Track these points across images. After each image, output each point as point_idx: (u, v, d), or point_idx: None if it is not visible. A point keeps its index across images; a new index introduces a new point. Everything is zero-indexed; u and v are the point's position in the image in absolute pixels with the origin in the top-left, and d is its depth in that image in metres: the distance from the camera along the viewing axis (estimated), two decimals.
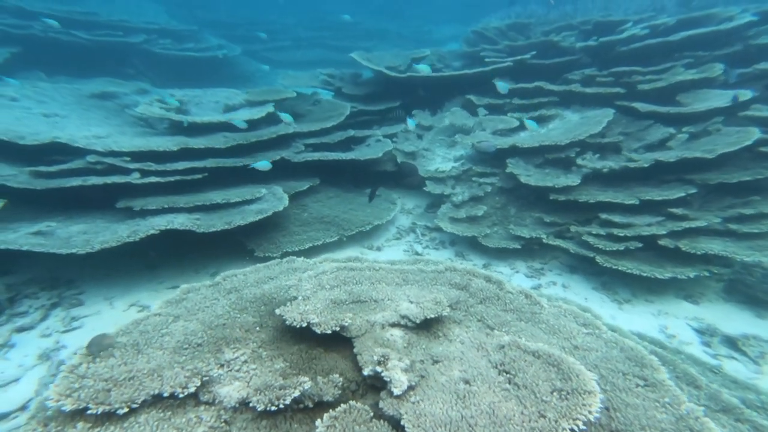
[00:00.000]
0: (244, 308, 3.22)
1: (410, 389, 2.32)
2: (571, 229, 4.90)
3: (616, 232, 4.35)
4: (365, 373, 2.50)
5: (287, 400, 2.25)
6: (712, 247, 3.98)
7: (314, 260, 4.24)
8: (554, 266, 5.12)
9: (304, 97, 8.40)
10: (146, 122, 7.17)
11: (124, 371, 2.28)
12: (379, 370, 2.42)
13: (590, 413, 1.78)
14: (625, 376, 2.17)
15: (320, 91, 9.42)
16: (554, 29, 8.79)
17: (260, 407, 2.21)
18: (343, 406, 2.27)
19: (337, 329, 2.77)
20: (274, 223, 5.45)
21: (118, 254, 4.22)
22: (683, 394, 2.01)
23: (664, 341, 3.43)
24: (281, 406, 2.23)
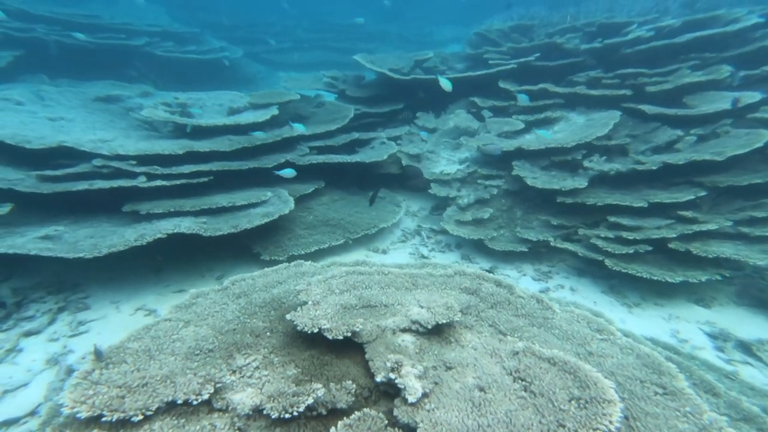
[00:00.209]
0: (253, 313, 3.20)
1: (424, 396, 2.29)
2: (578, 232, 4.87)
3: (625, 235, 4.32)
4: (378, 379, 2.48)
5: (301, 407, 2.23)
6: (723, 250, 3.94)
7: (321, 264, 4.23)
8: (562, 269, 5.08)
9: (307, 99, 8.40)
10: (150, 125, 7.17)
11: (137, 378, 2.27)
12: (392, 376, 2.40)
13: (611, 423, 1.75)
14: (642, 383, 2.14)
15: (323, 93, 9.40)
16: (558, 31, 8.78)
17: (274, 415, 2.19)
18: (357, 413, 2.25)
19: (348, 335, 2.76)
20: (279, 226, 5.44)
21: (123, 257, 4.20)
22: (704, 402, 1.99)
23: (676, 346, 3.40)
24: (295, 413, 2.21)
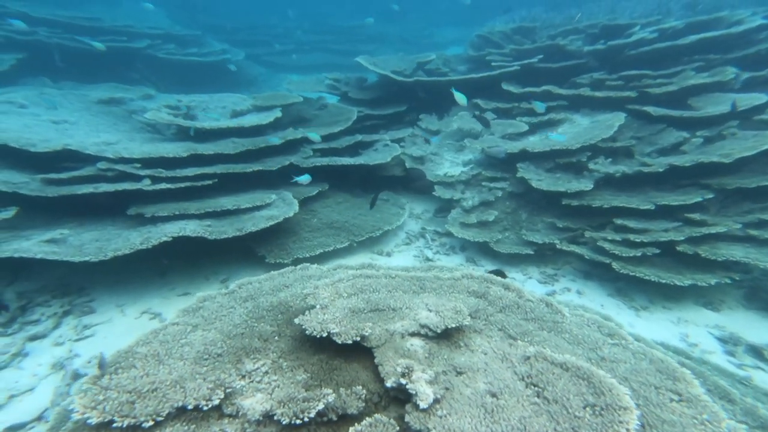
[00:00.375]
0: (261, 317, 3.18)
1: (436, 402, 2.27)
2: (585, 234, 4.85)
3: (632, 237, 4.29)
4: (388, 384, 2.46)
5: (312, 413, 2.22)
6: (733, 253, 3.91)
7: (327, 267, 4.21)
8: (567, 272, 5.06)
9: (310, 101, 8.40)
10: (154, 128, 7.17)
11: (147, 383, 2.25)
12: (403, 382, 2.38)
13: (628, 431, 1.73)
14: (657, 390, 2.12)
15: (326, 95, 9.40)
16: (560, 33, 8.78)
17: (285, 420, 2.18)
18: (368, 419, 2.23)
19: (357, 339, 2.74)
20: (284, 228, 5.42)
21: (127, 260, 4.19)
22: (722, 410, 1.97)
23: (687, 350, 3.37)
24: (306, 419, 2.20)
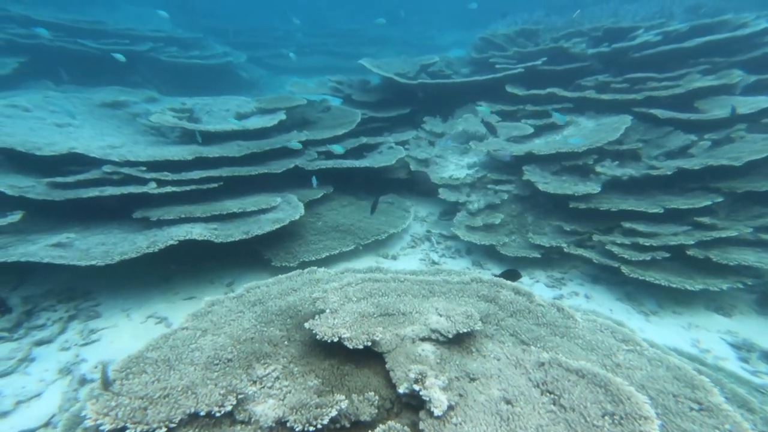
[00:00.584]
0: (270, 321, 3.16)
1: (450, 409, 2.25)
2: (593, 238, 4.82)
3: (641, 241, 4.26)
4: (400, 391, 2.43)
5: (325, 419, 2.19)
6: (746, 257, 3.87)
7: (335, 271, 4.18)
8: (575, 276, 5.03)
9: (313, 104, 8.39)
10: (158, 131, 7.16)
11: (158, 388, 2.22)
12: (416, 388, 2.35)
13: None
14: (676, 398, 2.09)
15: (329, 97, 9.39)
16: (563, 36, 8.79)
17: (298, 427, 2.15)
18: (381, 426, 2.21)
19: (368, 344, 2.71)
20: (289, 232, 5.40)
21: (131, 264, 4.16)
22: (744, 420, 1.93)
23: (700, 357, 3.33)
24: (319, 426, 2.17)
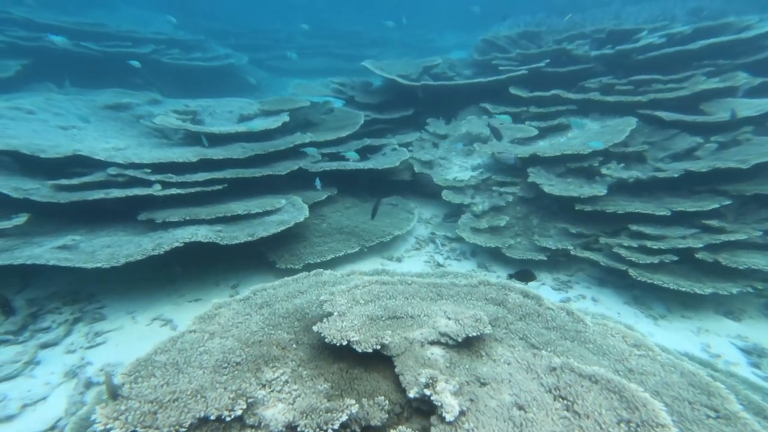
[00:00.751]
0: (277, 324, 3.14)
1: (462, 415, 2.23)
2: (599, 240, 4.79)
3: (649, 244, 4.24)
4: (411, 395, 2.41)
5: (335, 424, 2.17)
6: (756, 261, 3.83)
7: (341, 273, 4.16)
8: (581, 279, 5.01)
9: (316, 106, 8.38)
10: (161, 133, 7.15)
11: (167, 392, 2.20)
12: (427, 393, 2.33)
13: None
14: (692, 405, 2.06)
15: (331, 99, 9.39)
16: (566, 38, 8.78)
17: None
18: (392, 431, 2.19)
19: (378, 348, 2.69)
20: (294, 233, 5.38)
21: (136, 267, 4.14)
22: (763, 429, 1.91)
23: (711, 362, 3.30)
24: (329, 431, 2.15)
